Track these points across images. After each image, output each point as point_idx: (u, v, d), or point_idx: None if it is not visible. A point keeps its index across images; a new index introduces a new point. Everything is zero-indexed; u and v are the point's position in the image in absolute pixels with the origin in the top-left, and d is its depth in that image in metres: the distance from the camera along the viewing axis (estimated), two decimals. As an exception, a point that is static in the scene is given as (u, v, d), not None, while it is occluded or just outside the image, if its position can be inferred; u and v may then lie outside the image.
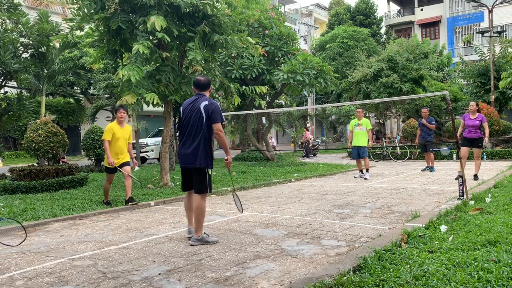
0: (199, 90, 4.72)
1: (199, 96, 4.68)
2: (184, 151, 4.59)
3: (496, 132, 17.01)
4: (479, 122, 9.08)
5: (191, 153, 4.54)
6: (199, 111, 4.52)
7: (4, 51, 11.15)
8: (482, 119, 9.13)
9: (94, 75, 17.77)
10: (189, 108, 4.62)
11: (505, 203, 5.64)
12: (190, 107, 4.62)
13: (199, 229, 4.59)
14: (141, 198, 7.85)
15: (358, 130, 10.88)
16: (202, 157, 4.54)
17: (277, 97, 18.82)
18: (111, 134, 7.15)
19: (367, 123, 10.94)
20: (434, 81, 23.84)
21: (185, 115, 4.64)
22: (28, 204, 7.28)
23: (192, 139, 4.55)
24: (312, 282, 3.06)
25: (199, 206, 4.58)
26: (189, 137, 4.58)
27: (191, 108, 4.60)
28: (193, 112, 4.57)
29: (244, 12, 9.79)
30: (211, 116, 4.49)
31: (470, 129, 9.15)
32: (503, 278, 2.88)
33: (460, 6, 36.51)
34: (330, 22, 40.43)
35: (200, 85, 4.72)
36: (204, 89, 4.72)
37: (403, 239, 4.06)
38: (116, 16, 8.12)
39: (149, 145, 18.87)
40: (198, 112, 4.53)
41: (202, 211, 4.58)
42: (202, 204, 4.58)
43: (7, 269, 3.96)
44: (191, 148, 4.53)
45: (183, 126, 4.65)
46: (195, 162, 4.54)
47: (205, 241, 4.58)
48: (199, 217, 4.58)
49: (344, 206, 6.79)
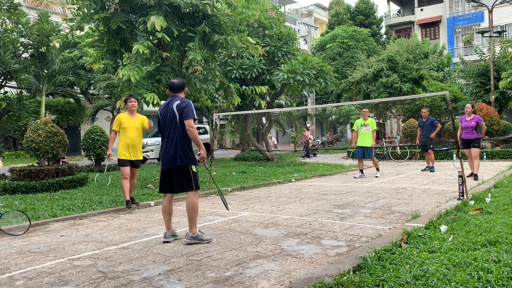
0: (174, 92, 4.77)
1: (173, 97, 4.74)
2: (165, 153, 4.63)
3: (496, 132, 17.01)
4: (475, 123, 9.30)
5: (171, 153, 4.56)
6: (172, 111, 4.60)
7: (4, 51, 11.16)
8: (478, 120, 9.33)
9: (94, 75, 17.79)
10: (164, 111, 4.70)
11: (505, 203, 5.64)
12: (165, 110, 4.70)
13: (193, 226, 4.60)
14: (141, 198, 7.84)
15: (364, 130, 10.87)
16: (181, 154, 4.54)
17: (277, 97, 18.83)
18: (118, 124, 6.92)
19: (373, 123, 10.96)
20: (434, 81, 23.84)
21: (161, 118, 4.73)
22: (28, 204, 7.27)
23: (170, 140, 4.59)
24: (312, 282, 3.05)
25: (192, 203, 4.57)
26: (167, 138, 4.63)
27: (166, 110, 4.68)
28: (167, 113, 4.65)
29: (244, 12, 9.80)
30: (183, 113, 4.52)
31: (467, 130, 9.40)
32: (503, 278, 2.88)
33: (460, 6, 36.52)
34: (330, 22, 40.46)
35: (173, 87, 4.77)
36: (177, 91, 4.76)
37: (403, 239, 4.06)
38: (116, 16, 8.13)
39: (149, 145, 18.86)
40: (172, 112, 4.60)
41: (195, 208, 4.58)
42: (194, 201, 4.58)
43: (7, 269, 3.95)
44: (171, 149, 4.56)
45: (161, 129, 4.74)
46: (175, 161, 4.55)
47: (199, 239, 4.59)
48: (192, 214, 4.58)
49: (344, 206, 6.79)
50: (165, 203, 4.79)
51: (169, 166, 4.59)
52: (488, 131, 16.75)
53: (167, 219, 4.75)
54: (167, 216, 4.75)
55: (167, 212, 4.75)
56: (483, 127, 9.43)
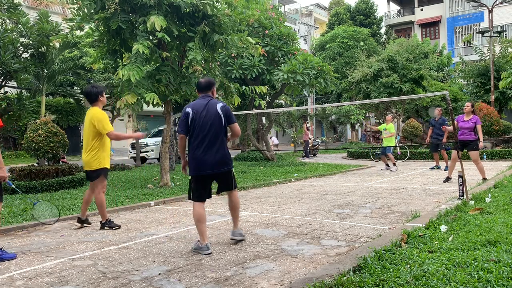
0: (203, 92, 4.52)
1: (207, 97, 4.47)
2: (209, 157, 4.28)
3: (496, 132, 17.00)
4: (473, 124, 8.43)
5: (219, 158, 4.34)
6: (217, 112, 4.34)
7: (4, 51, 11.16)
8: (477, 121, 8.47)
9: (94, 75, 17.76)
10: (205, 112, 4.34)
11: (505, 203, 5.64)
12: (205, 111, 4.34)
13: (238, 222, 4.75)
14: (141, 198, 7.84)
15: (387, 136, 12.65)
16: (229, 159, 4.49)
17: (277, 97, 18.82)
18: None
19: (391, 127, 12.66)
20: (434, 81, 23.84)
21: (200, 119, 4.32)
22: (28, 204, 7.27)
23: (214, 143, 4.32)
24: (312, 282, 3.05)
25: (238, 201, 4.69)
26: (209, 140, 4.30)
27: (208, 111, 4.33)
28: (211, 115, 4.32)
29: (244, 12, 9.79)
30: (229, 118, 4.40)
31: (464, 131, 8.51)
32: (503, 278, 2.88)
33: (460, 6, 36.52)
34: (330, 22, 40.46)
35: (201, 87, 4.53)
36: (206, 90, 4.51)
37: (403, 239, 4.06)
38: (116, 16, 8.12)
39: (149, 145, 18.87)
40: (216, 114, 4.34)
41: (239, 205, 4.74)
42: (238, 199, 4.72)
43: (7, 269, 3.95)
44: (219, 153, 4.34)
45: (199, 130, 4.31)
46: (225, 165, 4.41)
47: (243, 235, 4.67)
48: (238, 211, 4.71)
49: (344, 206, 6.79)
50: (201, 211, 4.37)
51: (217, 170, 4.35)
52: (488, 131, 16.74)
53: (204, 226, 4.34)
54: (203, 223, 4.35)
55: (204, 219, 4.37)
56: (480, 130, 8.54)
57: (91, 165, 5.44)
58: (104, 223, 5.55)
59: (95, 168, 5.44)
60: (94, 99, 5.47)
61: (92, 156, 5.40)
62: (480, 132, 8.50)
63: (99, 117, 5.35)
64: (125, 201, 7.55)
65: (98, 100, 5.47)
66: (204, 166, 4.30)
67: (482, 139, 8.54)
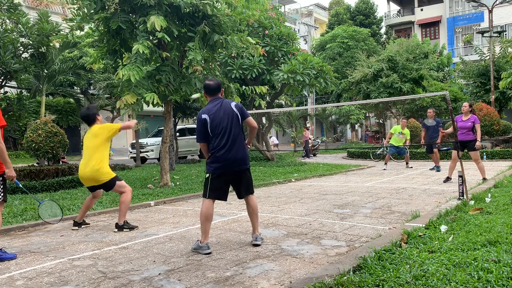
0: (212, 94, 4.53)
1: (219, 99, 4.51)
2: (233, 156, 4.33)
3: (496, 132, 17.00)
4: (471, 123, 8.43)
5: (241, 155, 4.39)
6: (231, 110, 4.40)
7: (4, 51, 11.16)
8: (475, 120, 8.47)
9: (94, 75, 17.77)
10: (221, 112, 4.38)
11: (505, 203, 5.64)
12: (222, 111, 4.39)
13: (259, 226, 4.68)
14: (141, 198, 7.84)
15: (400, 137, 13.35)
16: (248, 158, 4.52)
17: (277, 97, 18.82)
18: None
19: (408, 133, 13.47)
20: (434, 81, 23.84)
21: (215, 119, 4.35)
22: (28, 204, 7.28)
23: (236, 142, 4.37)
24: (312, 282, 3.05)
25: (256, 204, 4.62)
26: (232, 140, 4.34)
27: (224, 111, 4.38)
28: (228, 114, 4.38)
29: (244, 12, 9.79)
30: (243, 113, 4.45)
31: (463, 131, 8.49)
32: (503, 278, 2.88)
33: (460, 6, 36.52)
34: (330, 22, 40.47)
35: (210, 89, 4.52)
36: (215, 92, 4.53)
37: (403, 239, 4.06)
38: (116, 16, 8.12)
39: (149, 145, 18.87)
40: (231, 112, 4.40)
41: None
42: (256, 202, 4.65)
43: (7, 269, 3.96)
44: (240, 152, 4.39)
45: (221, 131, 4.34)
46: (246, 164, 4.46)
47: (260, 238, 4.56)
48: (258, 214, 4.62)
49: (344, 206, 6.79)
50: (211, 209, 4.38)
51: (237, 168, 4.38)
52: (488, 131, 16.75)
53: (209, 226, 4.38)
54: (209, 223, 4.37)
55: (211, 219, 4.41)
56: (479, 129, 8.50)
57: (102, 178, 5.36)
58: (122, 225, 5.43)
59: (107, 179, 5.38)
60: (92, 120, 5.57)
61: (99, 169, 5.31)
62: (478, 132, 8.49)
63: (104, 127, 5.44)
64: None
65: (96, 120, 5.58)
66: (228, 164, 4.34)
67: (480, 139, 8.53)
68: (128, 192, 5.54)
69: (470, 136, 8.47)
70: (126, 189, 5.53)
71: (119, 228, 5.42)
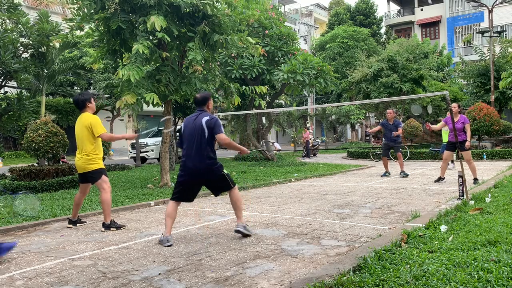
0: (199, 107, 4.97)
1: (200, 111, 4.92)
2: (194, 165, 4.70)
3: (496, 132, 17.00)
4: (461, 124, 8.51)
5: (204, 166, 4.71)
6: (201, 126, 4.75)
7: (4, 51, 11.16)
8: (465, 120, 8.55)
9: (94, 75, 17.77)
10: (193, 125, 4.82)
11: (505, 203, 5.64)
12: (193, 124, 4.82)
13: (242, 217, 4.98)
14: (141, 198, 7.84)
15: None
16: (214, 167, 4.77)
17: (277, 97, 18.83)
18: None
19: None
20: (434, 81, 23.85)
21: (187, 131, 4.84)
22: (28, 204, 7.27)
23: (198, 154, 4.71)
24: (312, 282, 3.05)
25: (238, 197, 4.97)
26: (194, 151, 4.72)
27: (195, 124, 4.80)
28: (197, 128, 4.76)
29: (244, 12, 9.79)
30: (214, 130, 4.73)
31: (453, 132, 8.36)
32: (503, 278, 2.88)
33: (460, 6, 36.53)
34: (330, 22, 40.48)
35: (198, 102, 4.97)
36: (202, 105, 4.94)
37: (403, 239, 4.06)
38: (116, 16, 8.12)
39: (149, 145, 18.87)
40: (200, 127, 4.74)
41: (240, 199, 5.02)
42: (238, 194, 4.99)
43: (7, 269, 3.96)
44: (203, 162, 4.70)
45: (187, 140, 4.81)
46: (209, 174, 4.76)
47: (247, 230, 4.88)
48: (240, 206, 4.96)
49: (344, 206, 6.79)
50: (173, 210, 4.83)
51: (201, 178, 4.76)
52: (488, 131, 16.75)
53: (172, 222, 4.81)
54: (172, 219, 4.82)
55: (174, 216, 4.84)
56: (469, 130, 8.58)
57: (89, 167, 5.52)
58: (108, 224, 5.49)
59: (93, 169, 5.52)
60: (82, 106, 5.64)
61: (89, 159, 5.50)
62: (468, 132, 8.55)
63: (91, 122, 5.50)
64: (125, 201, 7.55)
65: (86, 106, 5.65)
66: (191, 173, 4.74)
67: (469, 139, 8.58)
68: (108, 190, 5.61)
69: (461, 136, 8.45)
70: (106, 186, 5.62)
71: (106, 228, 5.48)
